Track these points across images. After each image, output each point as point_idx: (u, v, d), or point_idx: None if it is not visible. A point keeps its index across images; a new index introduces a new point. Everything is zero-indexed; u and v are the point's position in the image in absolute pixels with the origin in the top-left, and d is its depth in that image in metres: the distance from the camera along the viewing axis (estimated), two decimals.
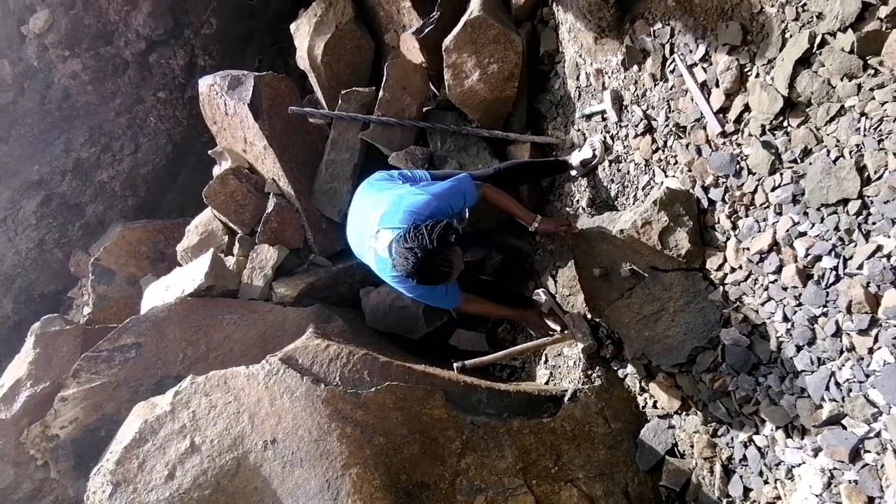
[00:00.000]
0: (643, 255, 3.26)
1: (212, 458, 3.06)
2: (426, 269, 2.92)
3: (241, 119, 4.64)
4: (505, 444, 3.31)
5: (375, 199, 3.32)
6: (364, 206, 3.42)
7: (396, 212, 3.12)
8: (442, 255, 2.90)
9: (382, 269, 3.30)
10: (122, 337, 4.00)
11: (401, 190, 3.26)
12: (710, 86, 2.95)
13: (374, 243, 3.24)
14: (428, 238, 2.88)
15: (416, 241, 2.89)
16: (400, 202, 3.15)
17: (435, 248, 2.86)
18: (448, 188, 3.25)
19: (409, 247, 2.91)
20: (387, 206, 3.19)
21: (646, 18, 3.20)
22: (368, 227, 3.29)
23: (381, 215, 3.18)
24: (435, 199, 3.12)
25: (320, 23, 4.95)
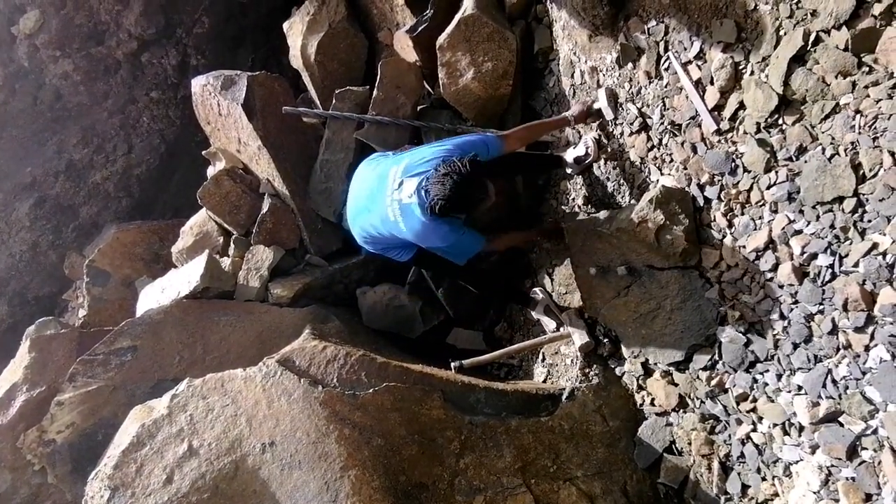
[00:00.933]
0: (639, 254, 3.27)
1: (210, 461, 3.06)
2: (463, 191, 3.03)
3: (234, 119, 4.62)
4: (503, 443, 3.31)
5: (389, 163, 3.43)
6: (374, 174, 3.48)
7: (421, 161, 3.24)
8: (477, 178, 3.05)
9: (408, 217, 3.30)
10: (117, 340, 3.99)
11: (420, 150, 3.37)
12: (705, 83, 2.95)
13: (399, 195, 3.30)
14: (461, 164, 3.01)
15: (451, 168, 3.03)
16: (423, 153, 3.27)
17: (470, 171, 3.00)
18: (468, 139, 3.37)
19: (444, 172, 3.03)
20: (408, 159, 3.31)
21: (640, 16, 3.19)
22: (389, 184, 3.35)
23: (404, 167, 3.29)
24: (457, 149, 3.23)
25: (313, 21, 4.93)
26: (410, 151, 3.43)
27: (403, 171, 3.27)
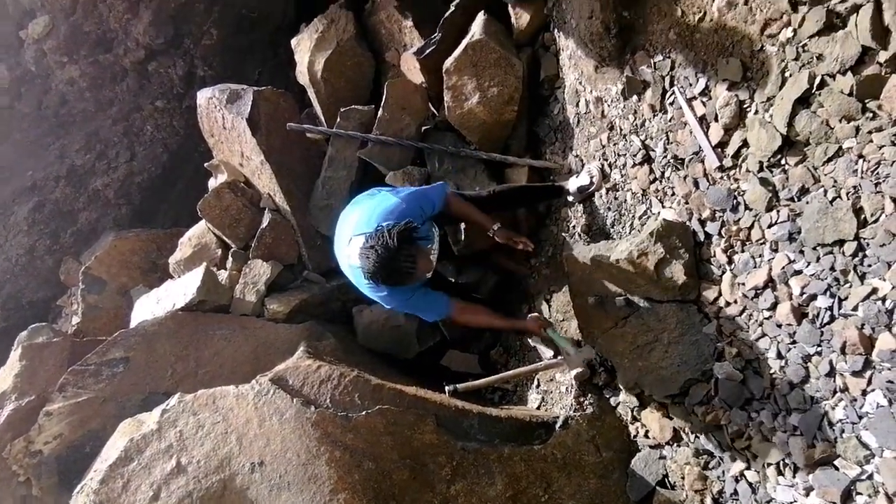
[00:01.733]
0: (639, 286, 3.26)
1: (198, 479, 3.03)
2: (387, 266, 2.88)
3: (238, 133, 4.63)
4: (495, 470, 3.28)
5: (354, 213, 3.31)
6: (345, 221, 3.40)
7: (369, 218, 3.11)
8: (404, 252, 2.86)
9: (357, 279, 3.25)
10: (110, 351, 3.97)
11: (376, 198, 3.25)
12: (710, 120, 2.96)
13: (349, 251, 3.22)
14: (388, 236, 2.85)
15: (378, 240, 2.87)
16: (373, 209, 3.15)
17: (395, 245, 2.83)
18: (418, 192, 3.27)
19: (370, 245, 2.89)
20: (360, 213, 3.19)
21: (647, 50, 3.21)
22: (345, 237, 3.27)
23: (356, 223, 3.17)
24: (404, 202, 3.12)
25: (321, 39, 4.95)
26: (373, 198, 3.31)
27: (354, 227, 3.17)
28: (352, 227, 3.20)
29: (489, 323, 3.63)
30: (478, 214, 3.47)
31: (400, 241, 2.84)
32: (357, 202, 3.43)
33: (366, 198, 3.40)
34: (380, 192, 3.32)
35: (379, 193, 3.33)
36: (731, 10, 2.73)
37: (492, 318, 3.60)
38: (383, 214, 3.08)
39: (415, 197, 3.20)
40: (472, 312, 3.55)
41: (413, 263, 2.91)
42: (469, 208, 3.45)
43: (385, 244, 2.84)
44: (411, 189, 3.29)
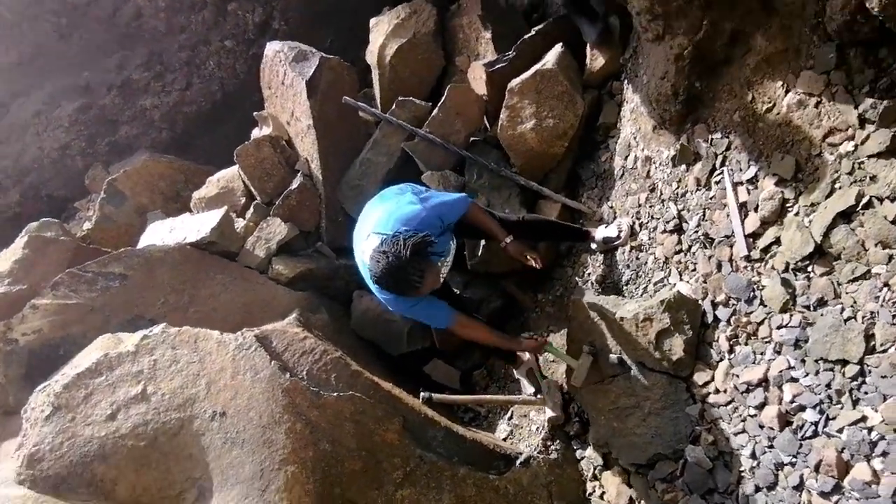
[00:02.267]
0: (635, 349, 3.24)
1: (158, 411, 3.05)
2: (395, 276, 2.85)
3: (295, 92, 4.66)
4: (445, 487, 3.27)
5: (378, 208, 3.31)
6: (367, 215, 3.40)
7: (388, 219, 3.10)
8: (414, 265, 2.83)
9: (367, 276, 3.25)
10: (111, 264, 4.00)
11: (401, 199, 3.23)
12: (749, 208, 2.94)
13: (365, 246, 3.22)
14: (403, 246, 2.82)
15: (391, 247, 2.84)
16: (394, 210, 3.13)
17: (407, 257, 2.80)
18: (442, 201, 3.22)
19: (383, 250, 2.86)
20: (382, 212, 3.18)
21: (708, 124, 3.20)
22: (364, 232, 3.28)
23: (376, 220, 3.17)
24: (425, 211, 3.09)
25: (400, 26, 4.97)
26: (398, 198, 3.28)
27: (374, 224, 3.15)
28: (372, 224, 3.19)
29: (487, 339, 3.59)
30: (494, 225, 3.45)
31: (412, 254, 2.82)
32: (383, 197, 3.43)
33: (393, 195, 3.39)
34: (406, 193, 3.29)
35: (405, 194, 3.30)
36: (799, 108, 2.72)
37: (491, 335, 3.57)
38: (403, 220, 3.06)
39: (437, 206, 3.18)
40: (472, 327, 3.54)
41: (421, 277, 2.88)
42: (487, 218, 3.44)
43: (397, 253, 2.82)
44: (436, 196, 3.26)
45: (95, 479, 2.90)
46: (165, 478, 2.97)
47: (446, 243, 3.28)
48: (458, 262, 3.87)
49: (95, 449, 2.94)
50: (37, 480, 2.85)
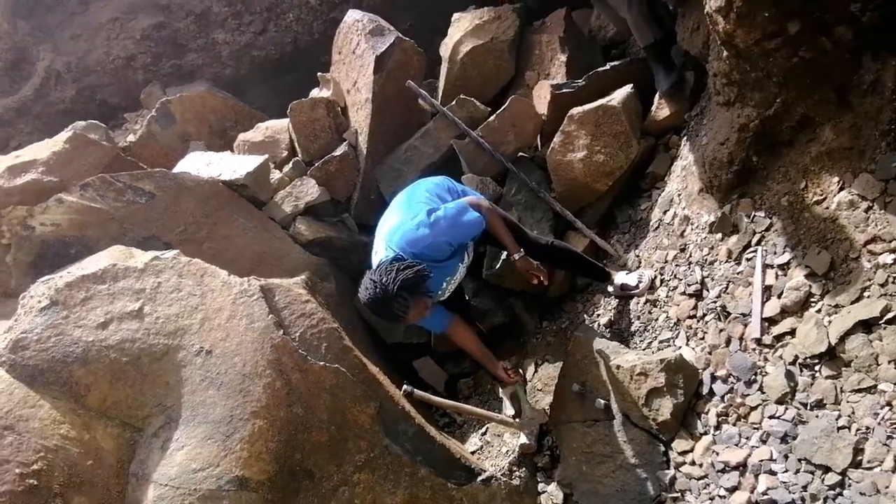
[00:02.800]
0: (624, 399, 3.22)
1: (148, 333, 3.07)
2: (379, 305, 2.96)
3: (362, 64, 4.68)
4: (402, 483, 3.27)
5: (397, 213, 3.32)
6: (390, 213, 3.41)
7: (397, 232, 3.15)
8: (399, 300, 2.92)
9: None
10: (143, 180, 4.04)
11: (417, 214, 3.17)
12: (773, 293, 2.91)
13: (376, 246, 3.28)
14: (392, 280, 2.90)
15: (381, 277, 2.93)
16: (405, 224, 3.15)
17: (394, 292, 2.89)
18: (455, 223, 3.18)
19: (374, 279, 2.95)
20: (396, 221, 3.21)
21: (754, 200, 3.16)
22: (381, 231, 3.32)
23: (389, 228, 3.21)
24: (432, 237, 3.09)
25: (480, 27, 4.98)
26: (416, 208, 3.26)
27: (387, 233, 3.20)
28: (386, 230, 3.24)
29: (473, 351, 3.62)
30: (508, 238, 3.43)
31: (399, 290, 2.89)
32: (410, 194, 3.43)
33: (413, 203, 3.38)
34: (420, 212, 3.21)
35: (424, 205, 3.26)
36: (849, 209, 2.68)
37: (478, 349, 3.60)
38: (408, 240, 3.08)
39: (448, 229, 3.14)
40: (464, 336, 3.57)
41: (405, 311, 2.98)
42: (503, 230, 3.41)
43: (386, 286, 2.90)
44: (453, 214, 3.18)
45: (71, 381, 2.93)
46: (137, 398, 2.99)
47: (453, 266, 3.33)
48: (476, 266, 3.87)
49: (79, 352, 2.97)
50: (16, 366, 2.88)
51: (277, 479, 2.98)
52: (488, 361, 3.63)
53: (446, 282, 3.36)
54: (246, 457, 2.90)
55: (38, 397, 2.83)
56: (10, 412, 2.70)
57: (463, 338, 3.58)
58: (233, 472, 2.85)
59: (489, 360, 3.63)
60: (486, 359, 3.63)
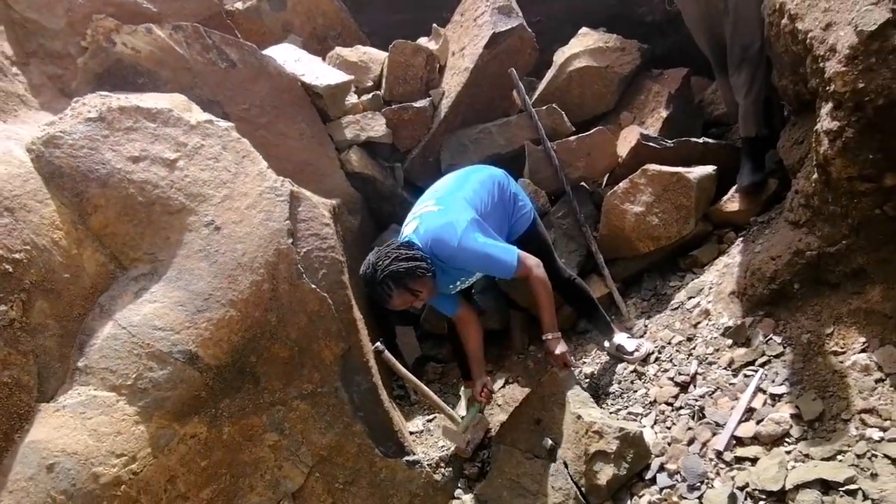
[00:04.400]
0: (570, 448, 3.19)
1: (172, 185, 3.11)
2: (365, 283, 3.07)
3: (477, 34, 4.67)
4: (334, 428, 3.30)
5: (447, 196, 3.32)
6: (439, 189, 3.41)
7: (430, 222, 3.17)
8: (384, 286, 3.00)
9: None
10: (232, 47, 4.07)
11: (459, 219, 3.13)
12: (754, 417, 2.88)
13: (410, 221, 3.31)
14: (386, 265, 2.97)
15: (380, 260, 3.00)
16: (439, 223, 3.15)
17: (379, 278, 2.97)
18: (488, 254, 3.11)
19: (373, 257, 3.04)
20: (438, 211, 3.21)
21: (777, 324, 3.12)
22: (419, 209, 3.34)
23: (430, 213, 3.22)
24: (455, 252, 3.07)
25: (601, 51, 4.95)
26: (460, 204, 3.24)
27: (427, 214, 3.24)
28: (425, 211, 3.26)
29: (469, 347, 3.65)
30: (549, 313, 3.34)
31: (386, 278, 2.97)
32: (463, 182, 3.44)
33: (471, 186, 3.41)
34: (470, 205, 3.25)
35: (469, 207, 3.24)
36: (861, 372, 2.64)
37: (474, 347, 3.65)
38: (434, 239, 3.10)
39: (473, 258, 3.11)
40: (467, 328, 3.61)
41: (387, 299, 3.05)
42: (548, 302, 3.32)
43: (375, 270, 2.99)
44: (488, 251, 3.10)
45: (84, 196, 2.96)
46: (135, 239, 3.03)
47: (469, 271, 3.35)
48: None
49: (103, 173, 3.00)
50: (42, 159, 2.92)
51: (225, 371, 3.01)
52: (476, 365, 3.66)
53: (460, 280, 3.38)
54: (207, 337, 2.93)
55: (49, 196, 2.87)
56: (18, 197, 2.74)
57: (467, 330, 3.62)
58: (189, 345, 2.88)
59: (477, 364, 3.66)
60: (475, 362, 3.66)
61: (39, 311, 2.70)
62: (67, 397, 2.72)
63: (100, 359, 2.77)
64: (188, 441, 2.91)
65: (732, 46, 3.88)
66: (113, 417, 2.73)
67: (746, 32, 3.77)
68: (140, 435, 2.76)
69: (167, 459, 2.83)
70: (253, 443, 3.13)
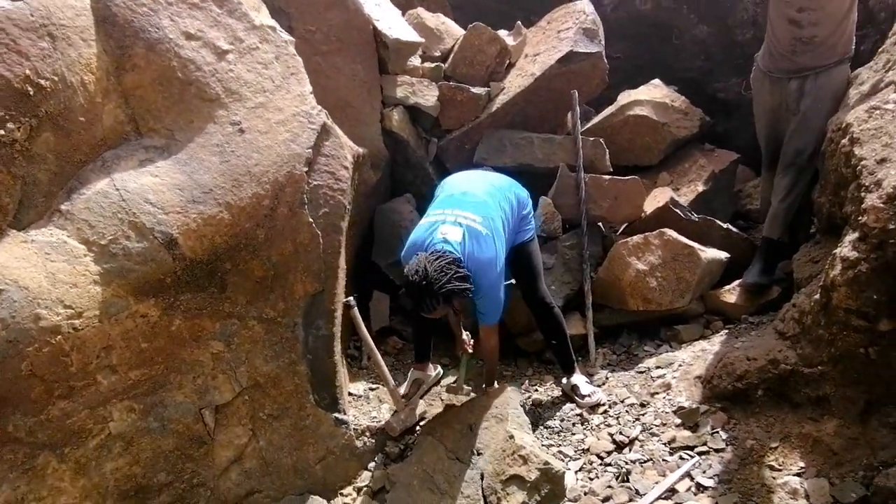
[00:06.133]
0: (492, 462, 3.17)
1: (214, 73, 3.11)
2: (413, 288, 2.96)
3: (556, 47, 4.68)
4: (279, 361, 3.30)
5: (487, 209, 3.31)
6: (478, 191, 3.41)
7: (477, 243, 3.15)
8: (434, 299, 2.94)
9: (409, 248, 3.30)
10: None
11: (500, 249, 3.25)
12: (673, 498, 2.88)
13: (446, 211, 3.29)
14: (444, 281, 2.92)
15: (436, 273, 2.93)
16: (485, 249, 3.16)
17: (435, 291, 2.91)
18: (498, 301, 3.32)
19: (427, 266, 2.94)
20: (485, 232, 3.19)
21: (729, 421, 3.12)
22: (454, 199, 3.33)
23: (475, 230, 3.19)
24: (488, 286, 3.19)
25: (664, 107, 4.95)
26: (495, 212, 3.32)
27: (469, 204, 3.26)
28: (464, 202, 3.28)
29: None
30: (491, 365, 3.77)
31: (440, 292, 2.92)
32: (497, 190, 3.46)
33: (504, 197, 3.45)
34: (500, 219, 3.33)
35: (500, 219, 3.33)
36: (789, 495, 2.66)
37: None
38: (480, 266, 3.12)
39: (494, 297, 3.28)
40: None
41: (434, 308, 3.00)
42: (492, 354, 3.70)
43: (431, 282, 2.91)
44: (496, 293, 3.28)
45: (126, 51, 2.94)
46: (160, 110, 3.01)
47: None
48: None
49: (154, 37, 2.98)
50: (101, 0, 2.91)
51: (196, 267, 3.00)
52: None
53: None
54: (192, 228, 2.92)
55: (94, 39, 2.86)
56: (64, 28, 2.72)
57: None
58: (172, 229, 2.88)
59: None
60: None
61: (43, 143, 2.70)
62: (39, 234, 2.71)
63: (83, 209, 2.77)
64: (137, 319, 2.90)
65: (788, 146, 3.88)
66: (75, 269, 2.72)
67: (805, 138, 3.78)
68: (94, 295, 2.76)
69: (111, 328, 2.83)
70: (198, 344, 3.12)
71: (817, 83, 3.77)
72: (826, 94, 3.74)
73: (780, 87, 3.96)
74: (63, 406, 2.76)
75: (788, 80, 3.89)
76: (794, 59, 3.83)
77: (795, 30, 3.75)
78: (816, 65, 3.77)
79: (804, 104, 3.80)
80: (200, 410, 3.14)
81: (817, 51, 3.74)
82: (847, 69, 3.78)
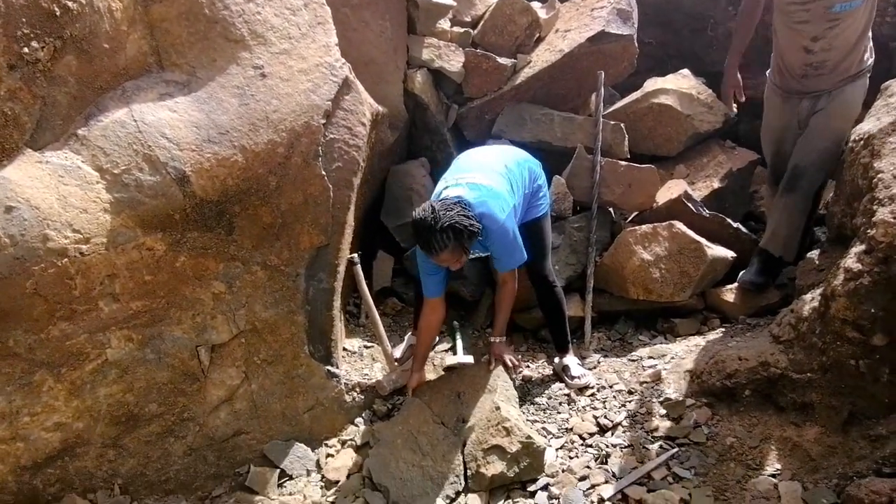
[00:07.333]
0: (476, 430, 3.21)
1: (241, 14, 3.13)
2: (422, 228, 2.94)
3: (587, 24, 4.62)
4: (278, 309, 3.37)
5: (494, 172, 3.31)
6: (485, 161, 3.41)
7: (482, 191, 3.14)
8: (443, 235, 2.91)
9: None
10: None
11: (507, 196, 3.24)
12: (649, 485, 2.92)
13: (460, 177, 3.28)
14: (451, 216, 2.91)
15: (442, 209, 2.93)
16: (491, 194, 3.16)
17: (444, 226, 2.89)
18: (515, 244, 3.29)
19: (434, 205, 2.95)
20: (488, 183, 3.19)
21: (713, 417, 3.15)
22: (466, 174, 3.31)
23: (477, 184, 3.18)
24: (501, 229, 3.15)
25: (690, 97, 4.87)
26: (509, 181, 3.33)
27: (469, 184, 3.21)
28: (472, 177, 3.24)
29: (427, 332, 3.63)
30: (504, 316, 3.63)
31: (448, 227, 2.90)
32: (514, 164, 3.45)
33: (523, 167, 3.47)
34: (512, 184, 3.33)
35: (521, 188, 3.37)
36: (761, 495, 2.69)
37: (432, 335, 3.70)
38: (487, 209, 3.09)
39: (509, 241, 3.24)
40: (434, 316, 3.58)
41: (441, 249, 2.96)
42: (507, 306, 3.60)
43: (438, 217, 2.89)
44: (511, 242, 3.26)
45: None
46: (184, 45, 3.07)
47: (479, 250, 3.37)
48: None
49: None
50: None
51: (206, 207, 3.04)
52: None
53: (475, 254, 3.40)
54: (206, 168, 2.96)
55: None
56: None
57: (432, 316, 3.58)
58: (186, 165, 2.91)
59: (424, 348, 3.68)
60: (424, 346, 3.67)
61: (66, 65, 2.71)
62: (55, 156, 2.74)
63: (100, 136, 2.79)
64: (143, 251, 2.95)
65: (790, 162, 3.83)
66: (87, 195, 2.76)
67: (806, 156, 3.75)
68: (103, 223, 2.80)
69: (116, 257, 2.87)
70: (200, 283, 3.17)
71: (830, 100, 3.72)
72: (838, 112, 3.69)
73: (791, 105, 3.91)
74: (63, 327, 2.81)
75: (800, 99, 3.85)
76: (805, 83, 3.78)
77: (807, 56, 3.68)
78: (829, 87, 3.72)
79: (813, 120, 3.75)
80: (197, 348, 3.19)
81: (830, 75, 3.68)
82: (864, 82, 3.73)
